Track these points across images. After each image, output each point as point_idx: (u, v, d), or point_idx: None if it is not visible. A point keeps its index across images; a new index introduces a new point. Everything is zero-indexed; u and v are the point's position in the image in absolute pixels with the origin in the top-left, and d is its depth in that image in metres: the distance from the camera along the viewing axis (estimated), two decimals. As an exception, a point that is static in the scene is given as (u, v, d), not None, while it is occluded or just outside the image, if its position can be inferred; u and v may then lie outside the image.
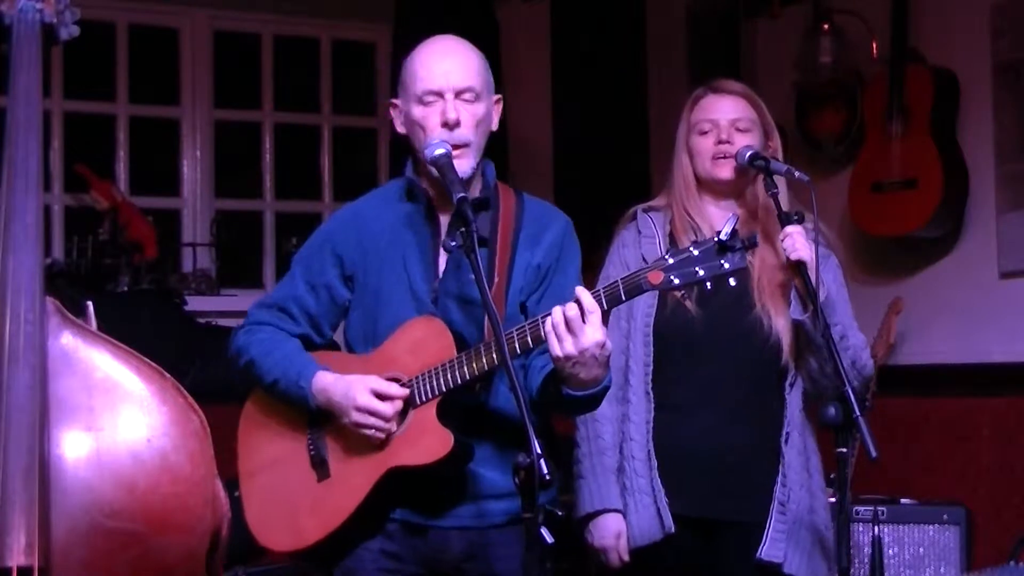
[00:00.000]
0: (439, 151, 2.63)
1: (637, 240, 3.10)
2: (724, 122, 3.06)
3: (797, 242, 2.92)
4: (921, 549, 3.76)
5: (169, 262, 5.28)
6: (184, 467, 2.00)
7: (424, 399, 2.65)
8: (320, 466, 2.77)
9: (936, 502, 3.88)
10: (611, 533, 3.02)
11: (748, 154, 3.03)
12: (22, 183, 2.05)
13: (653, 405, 3.01)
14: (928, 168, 4.39)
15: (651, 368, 3.01)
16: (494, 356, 2.55)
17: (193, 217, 5.49)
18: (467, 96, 2.70)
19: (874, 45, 4.66)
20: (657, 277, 2.48)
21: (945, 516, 3.77)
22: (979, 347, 4.39)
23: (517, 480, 2.28)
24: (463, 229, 2.49)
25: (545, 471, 2.23)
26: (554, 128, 5.69)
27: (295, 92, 5.79)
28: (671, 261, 2.48)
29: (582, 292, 2.50)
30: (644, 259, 3.01)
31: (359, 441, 2.71)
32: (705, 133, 3.08)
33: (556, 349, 2.49)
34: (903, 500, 3.87)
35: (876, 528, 3.47)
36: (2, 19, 2.18)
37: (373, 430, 2.66)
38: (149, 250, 5.08)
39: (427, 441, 2.63)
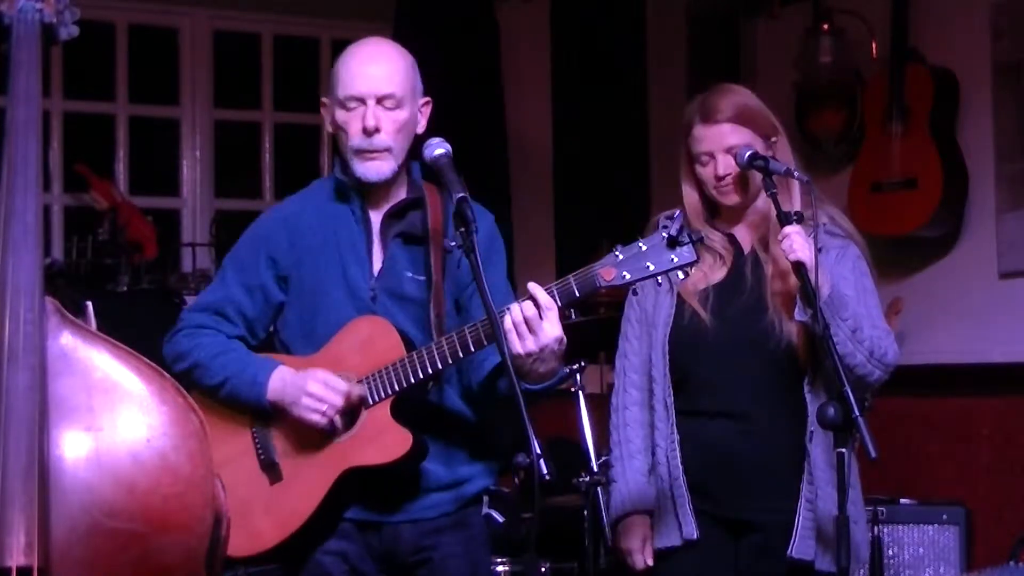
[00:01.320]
0: (439, 151, 2.64)
1: None
2: (719, 154, 3.06)
3: (795, 243, 2.92)
4: (921, 549, 3.76)
5: (169, 262, 5.28)
6: (184, 467, 2.00)
7: (377, 399, 2.68)
8: (270, 468, 2.78)
9: (936, 502, 3.88)
10: (637, 536, 3.06)
11: (747, 154, 3.03)
12: (21, 183, 2.05)
13: (674, 413, 3.03)
14: (928, 168, 4.39)
15: (669, 379, 3.03)
16: (447, 354, 2.60)
17: (193, 217, 5.50)
18: (388, 103, 2.74)
19: (874, 45, 4.66)
20: (609, 273, 2.52)
21: (945, 516, 3.77)
22: (979, 347, 4.39)
23: (517, 480, 2.28)
24: (462, 229, 2.50)
25: (545, 471, 2.24)
26: (554, 128, 5.69)
27: (295, 92, 5.79)
28: (621, 257, 2.52)
29: (536, 289, 2.54)
30: None
31: (311, 442, 2.74)
32: (705, 164, 3.09)
33: (517, 347, 2.52)
34: (903, 500, 3.87)
35: (876, 528, 3.47)
36: (2, 19, 2.18)
37: (318, 415, 2.68)
38: (149, 250, 5.08)
39: (385, 440, 2.67)
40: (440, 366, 2.62)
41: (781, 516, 2.99)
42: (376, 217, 2.82)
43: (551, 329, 2.52)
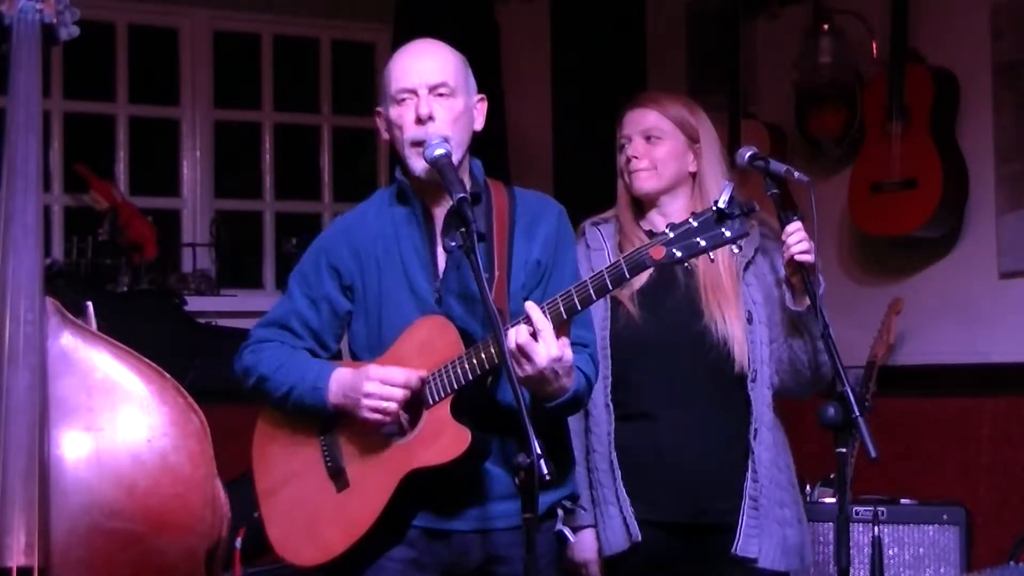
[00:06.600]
0: (439, 151, 2.62)
1: (587, 254, 3.12)
2: (636, 136, 3.10)
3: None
4: (921, 549, 3.76)
5: (169, 262, 5.28)
6: (184, 467, 2.00)
7: (437, 398, 2.64)
8: (338, 476, 2.75)
9: (936, 502, 3.88)
10: (590, 548, 3.05)
11: (747, 155, 3.04)
12: (22, 183, 2.05)
13: (614, 416, 3.02)
14: (928, 168, 4.39)
15: (610, 380, 3.02)
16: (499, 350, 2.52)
17: (193, 217, 5.49)
18: (442, 91, 2.70)
19: (874, 45, 4.66)
20: (659, 252, 2.49)
21: (945, 516, 3.76)
22: (979, 347, 4.39)
23: (517, 480, 2.27)
24: (463, 229, 2.48)
25: (545, 471, 2.22)
26: (554, 128, 5.69)
27: (295, 92, 5.79)
28: (672, 235, 2.49)
29: (531, 308, 2.52)
30: (593, 272, 3.03)
31: (376, 446, 2.70)
32: (622, 149, 3.12)
33: (518, 373, 2.48)
34: (903, 500, 3.87)
35: (876, 528, 3.47)
36: (2, 19, 2.18)
37: (379, 415, 2.64)
38: (149, 250, 5.07)
39: (444, 440, 2.62)
40: (496, 361, 2.56)
41: (725, 516, 3.00)
42: (440, 215, 2.75)
43: (545, 350, 2.49)
